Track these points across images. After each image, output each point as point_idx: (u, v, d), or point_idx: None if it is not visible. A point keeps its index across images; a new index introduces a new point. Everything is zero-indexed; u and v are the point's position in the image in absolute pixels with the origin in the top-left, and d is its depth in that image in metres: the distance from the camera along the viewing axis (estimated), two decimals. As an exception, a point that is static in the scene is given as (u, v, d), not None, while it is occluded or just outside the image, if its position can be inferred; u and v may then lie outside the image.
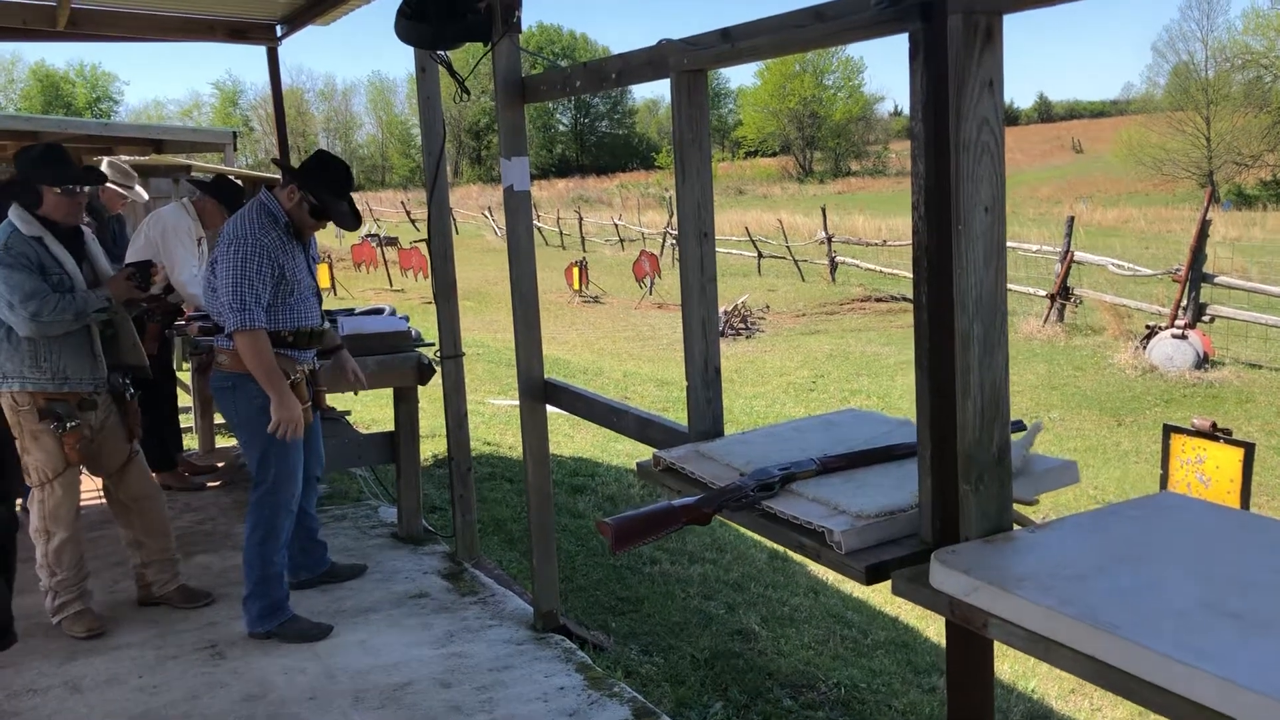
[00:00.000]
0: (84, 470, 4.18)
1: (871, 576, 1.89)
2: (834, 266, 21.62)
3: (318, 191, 3.96)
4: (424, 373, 5.01)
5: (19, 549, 3.97)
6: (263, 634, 4.02)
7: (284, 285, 3.90)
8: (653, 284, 19.77)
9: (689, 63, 2.64)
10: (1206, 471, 3.79)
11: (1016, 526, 1.94)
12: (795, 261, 22.38)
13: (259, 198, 3.96)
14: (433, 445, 7.24)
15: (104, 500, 4.38)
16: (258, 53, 6.94)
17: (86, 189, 4.12)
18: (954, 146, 1.78)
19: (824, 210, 23.22)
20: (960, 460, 1.87)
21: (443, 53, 3.97)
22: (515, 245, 3.86)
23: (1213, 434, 3.79)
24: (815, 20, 2.27)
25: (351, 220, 4.10)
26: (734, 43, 2.53)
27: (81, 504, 4.18)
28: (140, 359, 4.27)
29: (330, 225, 4.09)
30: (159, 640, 4.07)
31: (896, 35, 1.95)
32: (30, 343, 3.88)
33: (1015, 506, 1.98)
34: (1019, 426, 2.11)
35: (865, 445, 2.36)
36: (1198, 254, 12.19)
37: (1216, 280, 12.65)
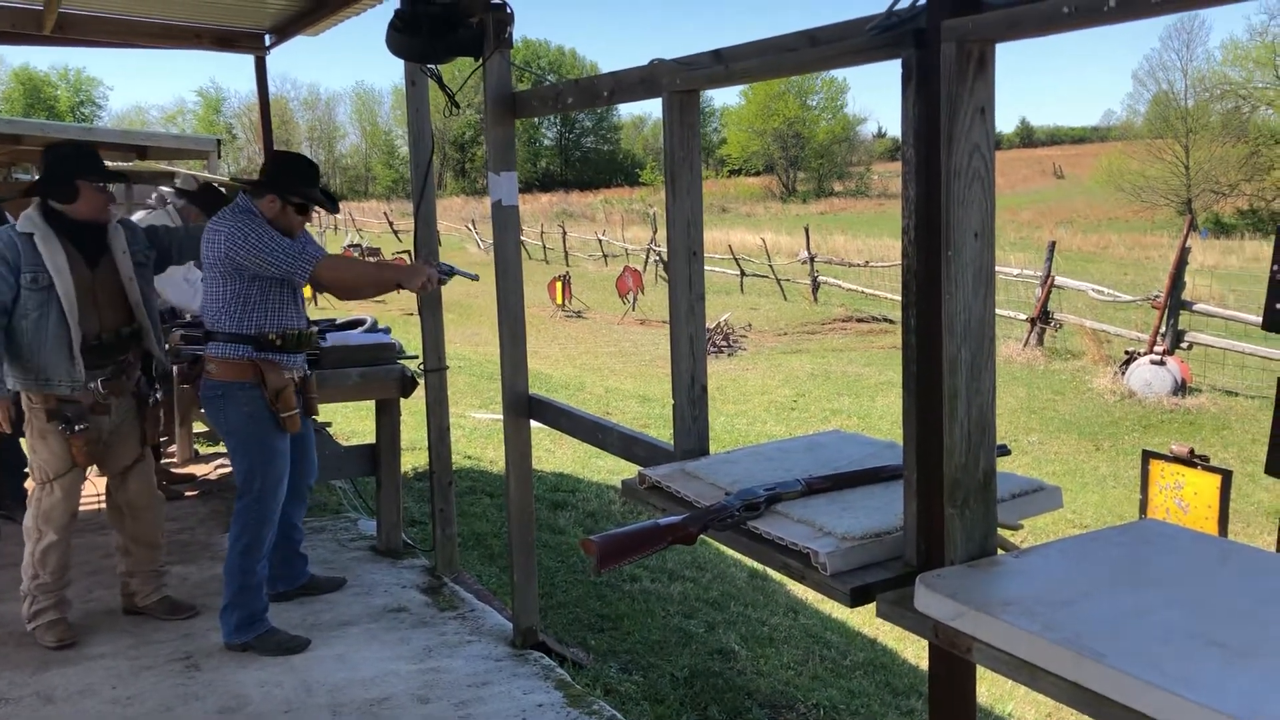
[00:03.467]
0: (89, 473, 4.13)
1: (856, 599, 1.89)
2: (816, 286, 21.70)
3: (295, 190, 3.95)
4: (406, 385, 4.98)
5: (0, 557, 3.92)
6: (239, 645, 3.98)
7: (273, 288, 3.88)
8: (635, 300, 19.77)
9: (681, 83, 2.65)
10: (1185, 497, 3.82)
11: (1000, 551, 1.95)
12: (778, 280, 22.45)
13: (237, 201, 3.95)
14: (413, 458, 7.21)
15: (97, 507, 4.32)
16: (242, 60, 6.92)
17: (112, 189, 4.13)
18: (945, 172, 1.79)
19: (807, 230, 23.33)
20: (946, 484, 1.88)
21: (433, 66, 3.97)
22: (503, 260, 3.85)
23: (1191, 460, 3.83)
24: (808, 44, 2.28)
25: (331, 205, 4.13)
26: (726, 64, 2.54)
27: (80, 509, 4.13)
28: (164, 362, 4.24)
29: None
30: (134, 651, 4.03)
31: (889, 61, 1.96)
32: (14, 344, 3.84)
33: (999, 531, 1.99)
34: (1003, 451, 2.12)
35: (851, 467, 2.36)
36: (1177, 281, 12.30)
37: (1195, 307, 12.77)
